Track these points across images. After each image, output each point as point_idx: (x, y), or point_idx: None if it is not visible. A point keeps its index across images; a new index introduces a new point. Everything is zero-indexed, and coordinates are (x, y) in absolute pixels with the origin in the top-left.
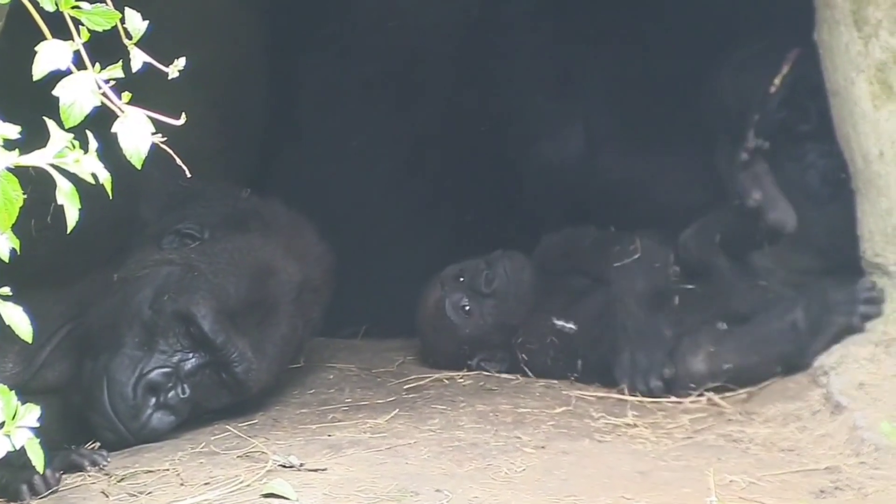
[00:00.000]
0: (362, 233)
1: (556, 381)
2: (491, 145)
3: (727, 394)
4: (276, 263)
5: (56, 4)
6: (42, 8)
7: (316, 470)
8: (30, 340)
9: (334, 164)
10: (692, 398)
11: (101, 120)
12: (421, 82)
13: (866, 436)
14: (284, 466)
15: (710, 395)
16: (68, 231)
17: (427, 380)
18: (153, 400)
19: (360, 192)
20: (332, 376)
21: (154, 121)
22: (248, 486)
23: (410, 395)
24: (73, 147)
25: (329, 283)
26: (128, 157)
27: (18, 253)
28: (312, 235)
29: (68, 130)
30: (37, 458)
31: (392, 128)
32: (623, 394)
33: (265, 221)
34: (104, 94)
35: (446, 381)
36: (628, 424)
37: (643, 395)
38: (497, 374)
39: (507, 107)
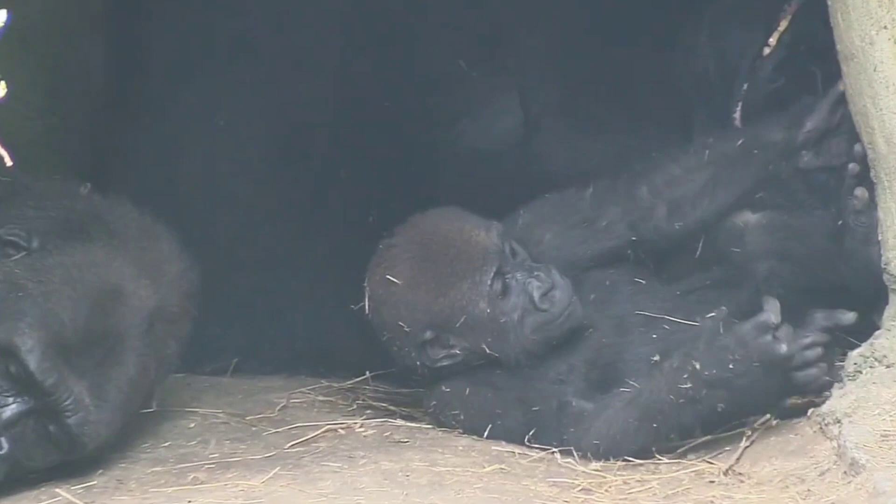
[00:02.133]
0: (230, 240)
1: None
2: (397, 125)
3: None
4: (125, 285)
5: None
6: None
7: None
8: None
9: (192, 152)
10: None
11: None
12: (302, 45)
13: None
14: None
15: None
16: None
17: (317, 430)
18: None
19: (227, 186)
20: (193, 424)
21: None
22: None
23: (295, 450)
24: None
25: (190, 310)
26: None
27: None
28: (170, 247)
29: None
30: None
31: (266, 104)
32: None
33: (111, 229)
34: None
35: (342, 431)
36: (581, 489)
37: None
38: (407, 423)
39: (418, 76)
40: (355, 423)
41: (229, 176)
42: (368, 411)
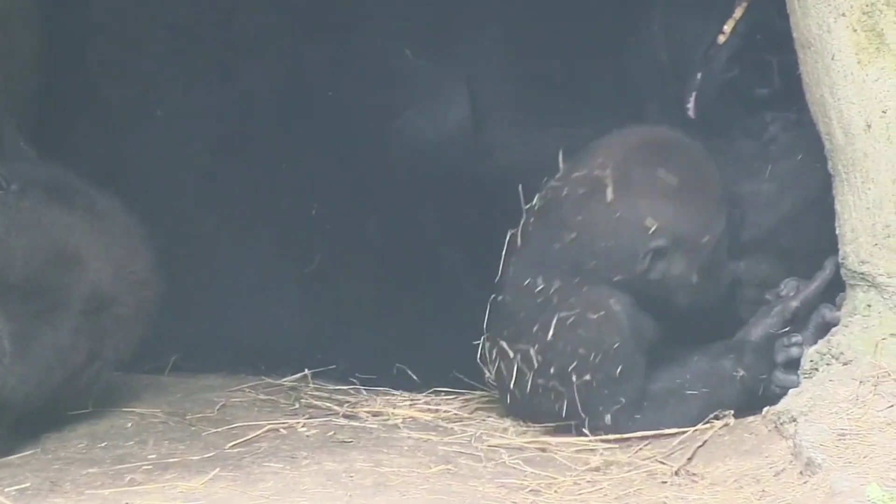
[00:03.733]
0: (169, 232)
1: (432, 433)
2: (342, 116)
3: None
4: (87, 259)
5: None
6: None
7: None
8: None
9: (131, 145)
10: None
11: None
12: (245, 30)
13: None
14: None
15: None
16: None
17: (258, 429)
18: None
19: (167, 177)
20: (130, 424)
21: None
22: None
23: (236, 450)
24: None
25: (142, 322)
26: None
27: None
28: (146, 255)
29: None
30: None
31: (209, 91)
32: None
33: (95, 208)
34: None
35: (283, 431)
36: (530, 490)
37: None
38: (351, 423)
39: (365, 66)
40: (297, 422)
41: (169, 169)
42: (311, 410)
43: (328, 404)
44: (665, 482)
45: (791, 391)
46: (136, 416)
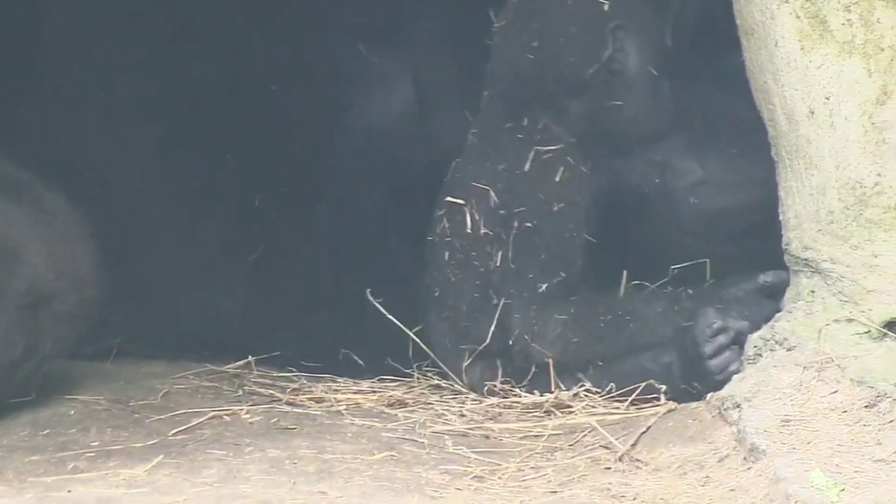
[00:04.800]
0: (116, 217)
1: (376, 419)
2: (290, 107)
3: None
4: (27, 255)
5: None
6: None
7: None
8: None
9: (80, 126)
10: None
11: None
12: (197, 19)
13: (792, 490)
14: None
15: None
16: None
17: (202, 416)
18: None
19: (115, 163)
20: (73, 412)
21: None
22: None
23: (179, 437)
24: None
25: (86, 314)
26: None
27: None
28: (91, 254)
29: None
30: None
31: (157, 79)
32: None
33: (43, 206)
34: None
35: (227, 418)
36: (474, 476)
37: None
38: (294, 410)
39: (314, 57)
40: (241, 409)
41: (116, 155)
42: (254, 397)
43: (272, 391)
44: (609, 468)
45: (735, 377)
46: (79, 404)
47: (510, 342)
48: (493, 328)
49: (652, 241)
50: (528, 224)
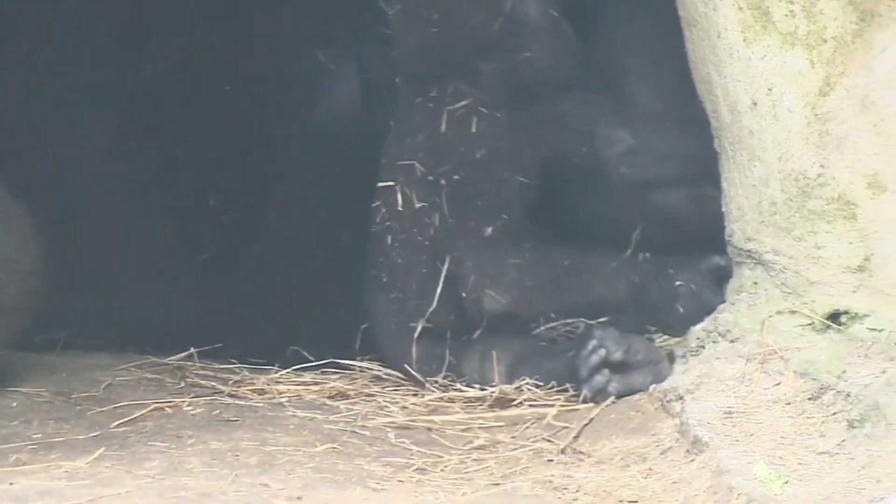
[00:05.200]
0: (64, 210)
1: (318, 412)
2: (241, 105)
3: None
4: None
5: None
6: None
7: None
8: None
9: (27, 119)
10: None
11: None
12: (151, 15)
13: (735, 483)
14: None
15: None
16: None
17: (144, 409)
18: None
19: (63, 156)
20: (15, 404)
21: None
22: None
23: (121, 429)
24: None
25: (29, 307)
26: None
27: None
28: (31, 238)
29: None
30: None
31: (109, 74)
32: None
33: None
34: None
35: (169, 410)
36: (416, 468)
37: None
38: (236, 402)
39: (266, 56)
40: (183, 401)
41: (66, 148)
42: (196, 389)
43: (213, 383)
44: (551, 460)
45: (677, 369)
46: (22, 396)
47: (463, 294)
48: (440, 288)
49: (586, 210)
50: (456, 177)
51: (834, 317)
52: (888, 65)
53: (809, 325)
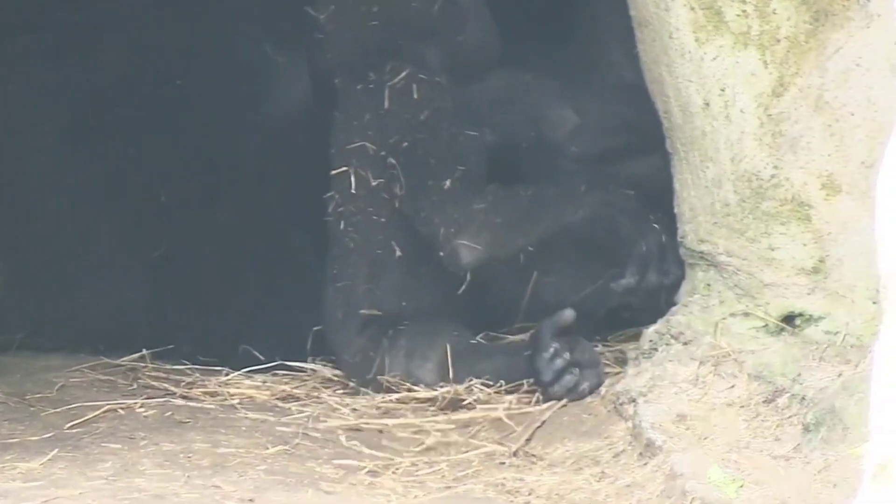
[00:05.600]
0: (15, 212)
1: (269, 414)
2: (193, 102)
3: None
4: None
5: None
6: None
7: None
8: None
9: None
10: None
11: None
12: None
13: (689, 487)
14: None
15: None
16: None
17: (97, 410)
18: None
19: (14, 155)
20: None
21: None
22: None
23: (75, 430)
24: None
25: None
26: None
27: None
28: None
29: None
30: None
31: (60, 71)
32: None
33: None
34: None
35: (122, 412)
36: (368, 471)
37: None
38: (189, 403)
39: (217, 53)
40: (135, 403)
41: (18, 146)
42: (149, 391)
43: (166, 385)
44: (503, 463)
45: (630, 371)
46: None
47: (441, 254)
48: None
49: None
50: (405, 144)
51: (788, 319)
52: (842, 65)
53: (764, 327)
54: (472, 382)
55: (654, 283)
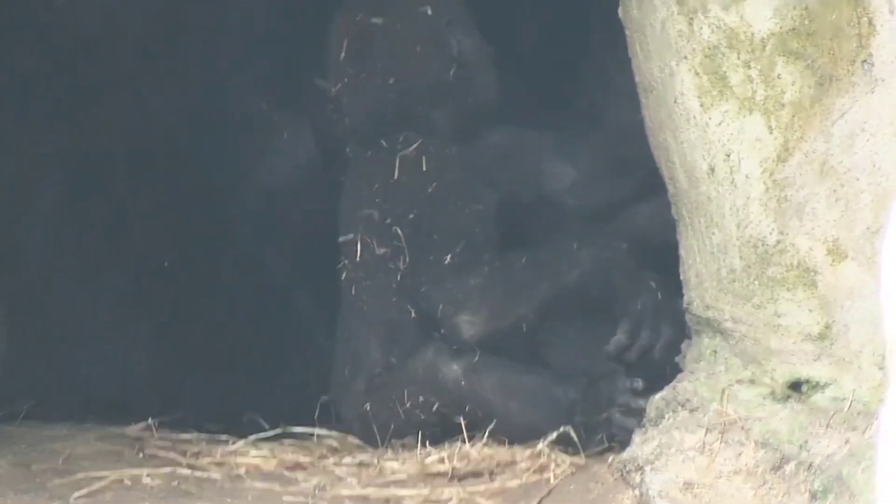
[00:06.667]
0: (19, 281)
1: (276, 483)
2: (194, 164)
3: None
4: None
5: None
6: None
7: None
8: None
9: None
10: None
11: None
12: (98, 76)
13: None
14: None
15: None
16: None
17: (103, 480)
18: None
19: (16, 223)
20: None
21: None
22: None
23: (81, 501)
24: None
25: None
26: None
27: None
28: None
29: None
30: None
31: (57, 140)
32: None
33: None
34: None
35: (128, 482)
36: None
37: None
38: (195, 473)
39: (217, 115)
40: (142, 472)
41: (19, 211)
42: (155, 460)
43: (172, 454)
44: None
45: (636, 439)
46: None
47: (442, 331)
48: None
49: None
50: (411, 216)
51: (795, 386)
52: (847, 130)
53: (770, 394)
54: (483, 442)
55: (647, 341)
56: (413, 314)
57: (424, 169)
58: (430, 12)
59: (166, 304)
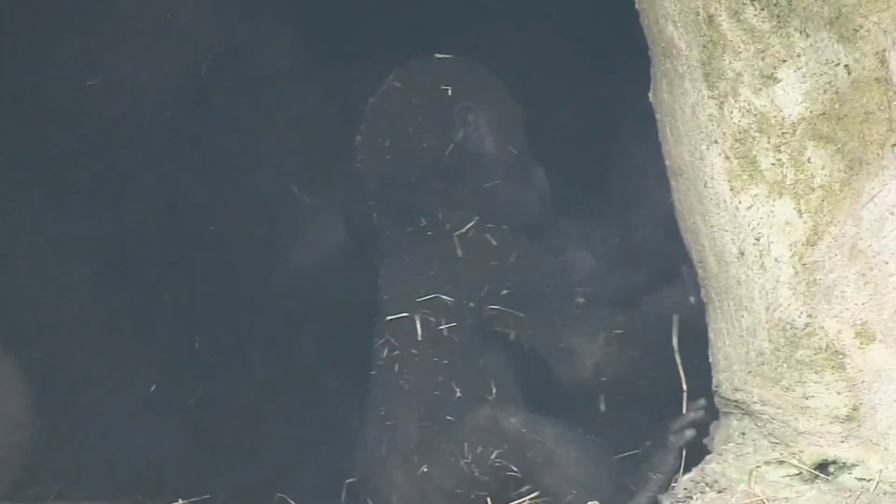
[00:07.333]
0: (51, 361)
1: None
2: (225, 249)
3: None
4: None
5: None
6: None
7: None
8: None
9: (10, 267)
10: None
11: None
12: (129, 161)
13: None
14: None
15: None
16: None
17: None
18: None
19: (48, 305)
20: None
21: None
22: None
23: None
24: None
25: (18, 458)
26: None
27: None
28: (18, 389)
29: None
30: None
31: (88, 222)
32: None
33: None
34: None
35: None
36: None
37: None
38: None
39: (248, 200)
40: None
41: (52, 296)
42: None
43: None
44: None
45: None
46: None
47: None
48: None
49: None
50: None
51: (822, 466)
52: (876, 213)
53: (798, 475)
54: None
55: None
56: (458, 394)
57: (494, 244)
58: (450, 93)
59: (197, 385)
